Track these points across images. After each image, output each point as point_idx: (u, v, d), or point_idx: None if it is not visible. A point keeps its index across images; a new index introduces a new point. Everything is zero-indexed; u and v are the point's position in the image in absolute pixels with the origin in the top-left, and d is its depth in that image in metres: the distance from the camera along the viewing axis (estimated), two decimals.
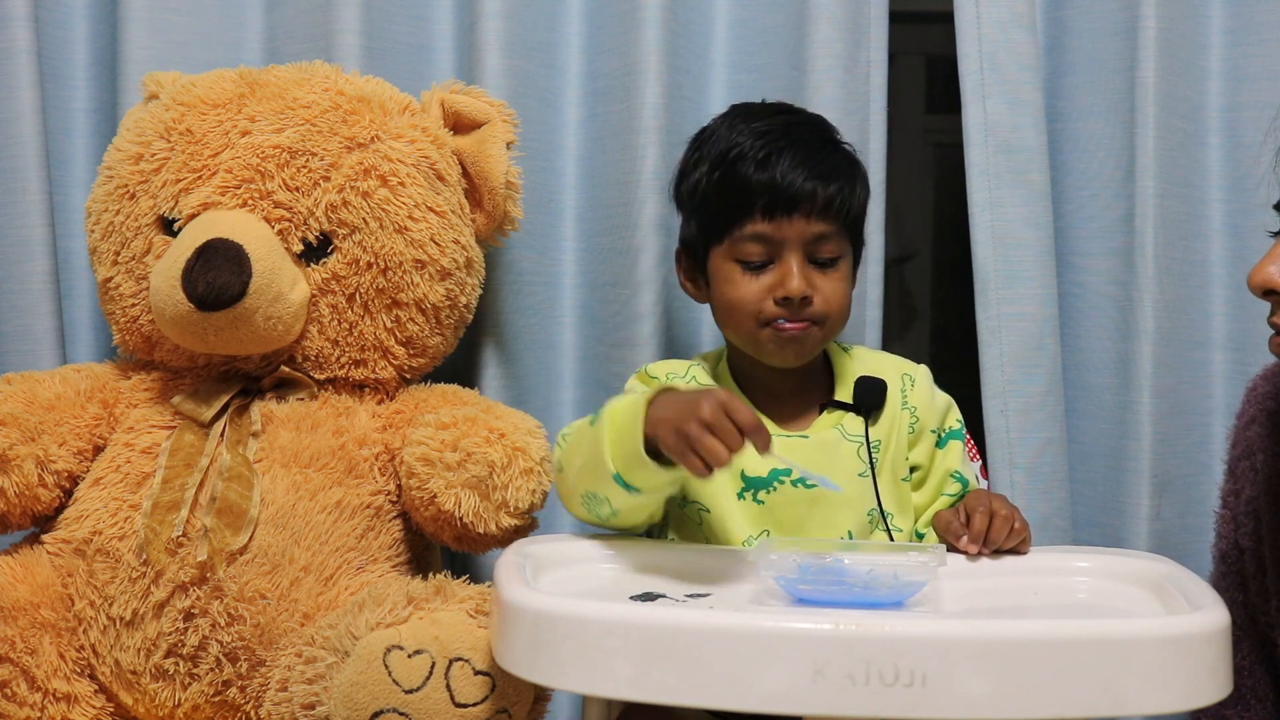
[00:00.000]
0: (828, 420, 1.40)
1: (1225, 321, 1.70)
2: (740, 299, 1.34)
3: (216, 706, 1.38)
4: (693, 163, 1.39)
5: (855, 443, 1.38)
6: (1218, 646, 1.02)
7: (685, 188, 1.40)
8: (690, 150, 1.42)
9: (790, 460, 1.30)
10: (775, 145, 1.33)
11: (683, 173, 1.42)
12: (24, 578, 1.39)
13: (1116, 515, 1.69)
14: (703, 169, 1.37)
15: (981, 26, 1.66)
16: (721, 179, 1.34)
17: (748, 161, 1.32)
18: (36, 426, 1.41)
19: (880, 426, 1.40)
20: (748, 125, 1.36)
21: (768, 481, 1.36)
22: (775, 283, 1.33)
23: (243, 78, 1.50)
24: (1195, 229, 1.70)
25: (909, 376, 1.43)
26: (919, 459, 1.41)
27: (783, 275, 1.33)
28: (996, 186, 1.66)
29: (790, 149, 1.33)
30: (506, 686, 1.21)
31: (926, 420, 1.42)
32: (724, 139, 1.36)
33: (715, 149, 1.36)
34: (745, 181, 1.32)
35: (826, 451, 1.38)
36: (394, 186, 1.45)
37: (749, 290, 1.34)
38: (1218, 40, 1.70)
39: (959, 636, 0.99)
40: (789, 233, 1.32)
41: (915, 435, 1.41)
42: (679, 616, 1.05)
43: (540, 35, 1.71)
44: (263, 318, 1.39)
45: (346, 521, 1.41)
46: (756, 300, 1.34)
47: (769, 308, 1.33)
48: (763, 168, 1.32)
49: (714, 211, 1.35)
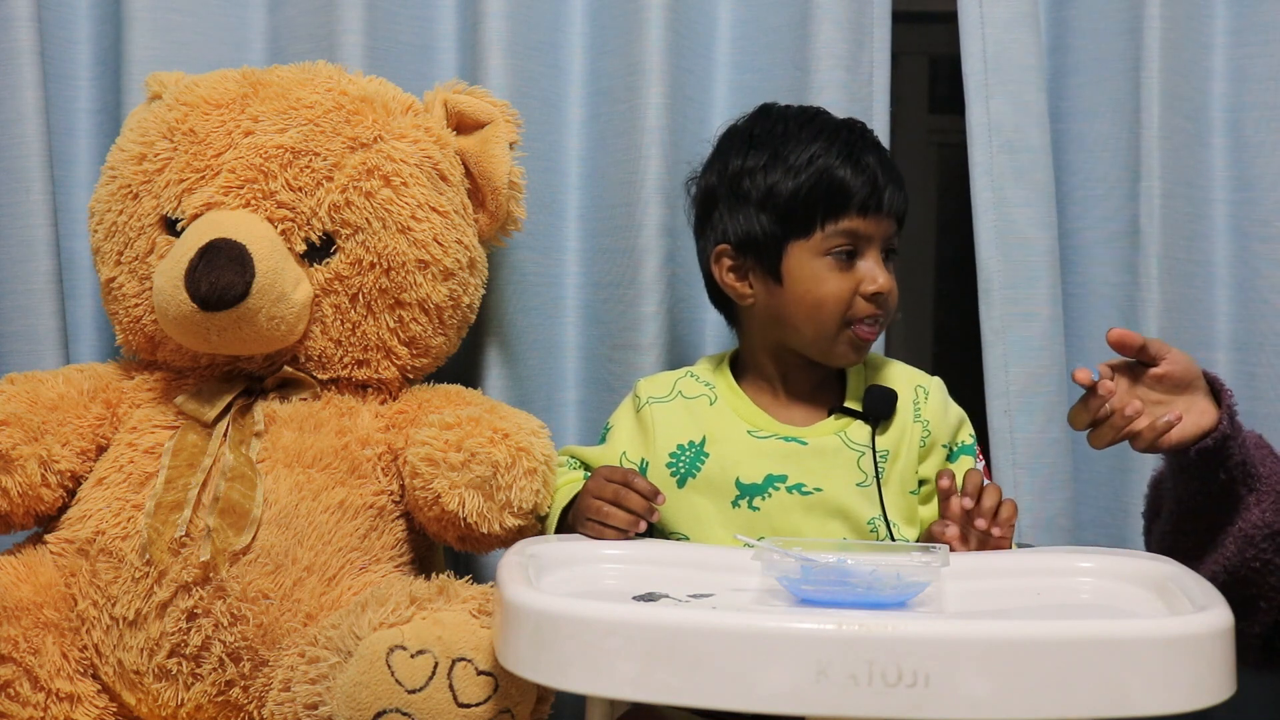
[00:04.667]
0: (830, 425, 1.40)
1: (1229, 322, 1.70)
2: (830, 295, 1.36)
3: (219, 706, 1.38)
4: (759, 164, 1.39)
5: (857, 451, 1.38)
6: (1221, 647, 1.01)
7: (754, 188, 1.39)
8: (740, 151, 1.41)
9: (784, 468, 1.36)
10: (860, 146, 1.38)
11: (740, 174, 1.40)
12: (27, 577, 1.39)
13: (1120, 516, 1.69)
14: (779, 169, 1.38)
15: (985, 26, 1.66)
16: (815, 177, 1.36)
17: (843, 162, 1.36)
18: (39, 426, 1.42)
19: (889, 437, 1.40)
20: (814, 126, 1.40)
21: (763, 488, 1.37)
22: (865, 277, 1.37)
23: (246, 78, 1.50)
24: (1199, 229, 1.70)
25: (922, 389, 1.43)
26: (928, 473, 1.41)
27: (870, 271, 1.37)
28: (1000, 187, 1.66)
29: (871, 151, 1.39)
30: (509, 686, 1.21)
31: (939, 434, 1.42)
32: (800, 139, 1.38)
33: (795, 150, 1.38)
34: (842, 180, 1.36)
35: (825, 459, 1.38)
36: (397, 186, 1.45)
37: (838, 286, 1.36)
38: (1222, 40, 1.69)
39: (962, 637, 0.99)
40: (875, 230, 1.37)
41: (926, 449, 1.41)
42: (682, 617, 1.05)
43: (543, 35, 1.71)
44: (266, 318, 1.39)
45: (349, 521, 1.41)
46: (847, 297, 1.37)
47: (860, 305, 1.37)
48: (859, 168, 1.36)
49: (804, 209, 1.36)
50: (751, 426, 1.40)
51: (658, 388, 1.46)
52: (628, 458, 1.43)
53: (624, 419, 1.47)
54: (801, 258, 1.37)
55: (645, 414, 1.44)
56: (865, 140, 1.40)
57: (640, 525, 1.31)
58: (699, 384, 1.45)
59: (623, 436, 1.45)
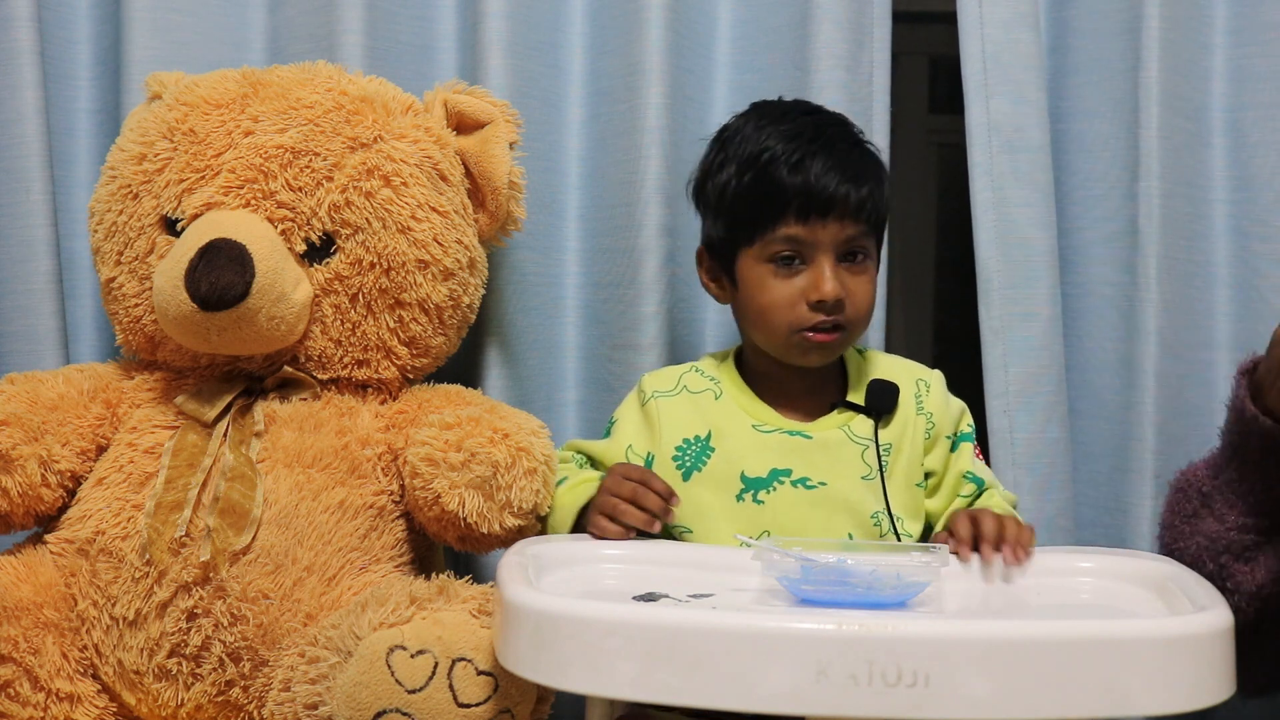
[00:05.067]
0: (834, 420, 1.40)
1: (1229, 322, 1.70)
2: (772, 303, 1.34)
3: (219, 706, 1.38)
4: (718, 163, 1.39)
5: (862, 445, 1.38)
6: (1221, 646, 1.02)
7: (711, 188, 1.39)
8: (714, 150, 1.41)
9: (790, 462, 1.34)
10: (808, 147, 1.33)
11: (706, 173, 1.41)
12: (27, 577, 1.39)
13: (1120, 516, 1.69)
14: (730, 170, 1.36)
15: (985, 26, 1.66)
16: (753, 181, 1.33)
17: (780, 164, 1.32)
18: (39, 426, 1.42)
19: (891, 430, 1.40)
20: (776, 127, 1.36)
21: (767, 482, 1.36)
22: (809, 285, 1.33)
23: (246, 78, 1.50)
24: (1199, 229, 1.69)
25: (924, 382, 1.43)
26: (933, 464, 1.41)
27: (816, 278, 1.33)
28: (1000, 187, 1.66)
29: (822, 151, 1.33)
30: (509, 687, 1.21)
31: (942, 426, 1.42)
32: (753, 140, 1.35)
33: (744, 150, 1.35)
34: (779, 184, 1.32)
35: (829, 452, 1.38)
36: (397, 187, 1.45)
37: (781, 295, 1.34)
38: (1221, 40, 1.69)
39: (962, 637, 0.99)
40: (822, 236, 1.33)
41: (931, 441, 1.41)
42: (682, 617, 1.05)
43: (543, 35, 1.71)
44: (266, 318, 1.39)
45: (349, 521, 1.41)
46: (790, 305, 1.34)
47: (803, 313, 1.34)
48: (796, 170, 1.32)
49: (744, 214, 1.35)
50: (756, 421, 1.40)
51: (662, 382, 1.45)
52: (634, 451, 1.42)
53: (629, 413, 1.46)
54: (748, 263, 1.36)
55: (651, 408, 1.43)
56: (820, 140, 1.34)
57: (656, 525, 1.30)
58: (704, 378, 1.45)
59: (628, 430, 1.44)
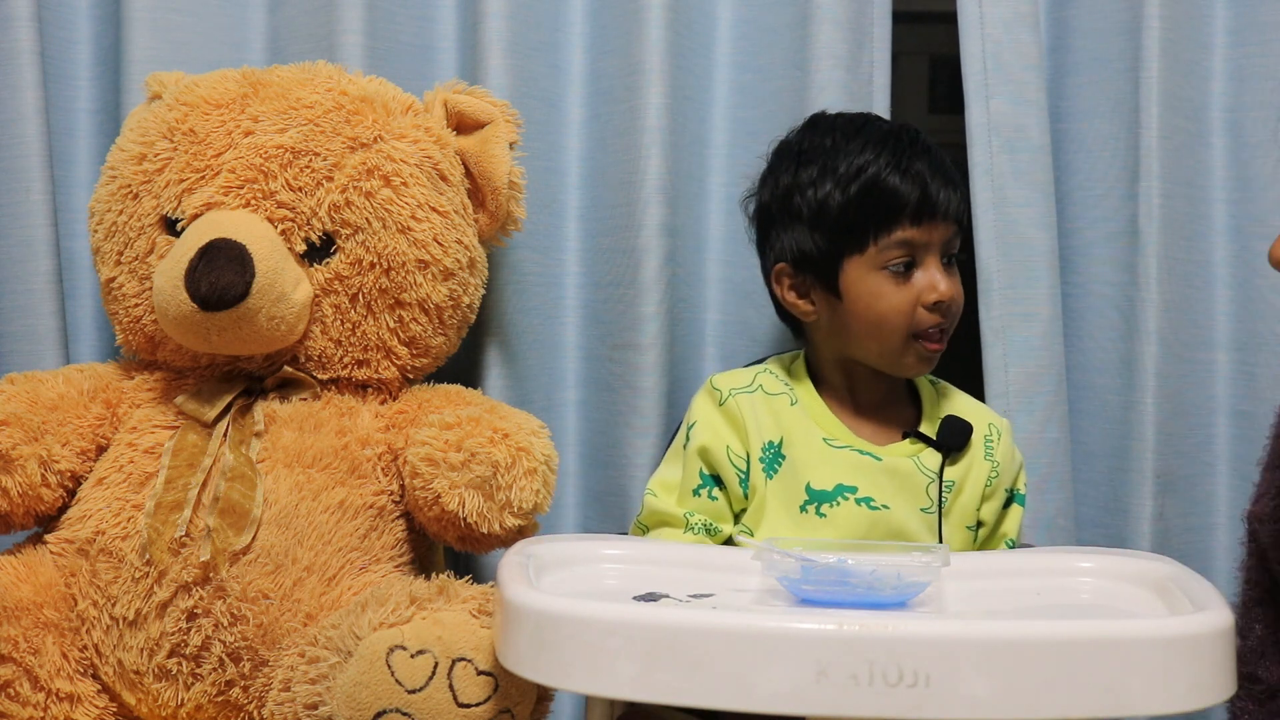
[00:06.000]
0: (905, 448, 1.40)
1: (1229, 322, 1.70)
2: (891, 309, 1.35)
3: (219, 706, 1.38)
4: (809, 179, 1.37)
5: (928, 478, 1.38)
6: (1221, 647, 1.01)
7: (803, 203, 1.37)
8: (794, 165, 1.39)
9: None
10: (910, 151, 1.35)
11: (792, 189, 1.39)
12: (27, 577, 1.39)
13: (1120, 516, 1.69)
14: (830, 182, 1.36)
15: (985, 26, 1.66)
16: (865, 188, 1.34)
17: (892, 170, 1.34)
18: (39, 426, 1.42)
19: (958, 468, 1.40)
20: (862, 136, 1.37)
21: (832, 496, 1.36)
22: (925, 287, 1.34)
23: (246, 78, 1.50)
24: (1199, 229, 1.70)
25: (996, 428, 1.44)
26: (986, 515, 1.42)
27: (931, 280, 1.35)
28: (1000, 186, 1.66)
29: (922, 156, 1.36)
30: (509, 687, 1.21)
31: (1004, 478, 1.42)
32: (848, 150, 1.36)
33: (844, 161, 1.36)
34: (892, 189, 1.34)
35: (897, 479, 1.37)
36: (397, 187, 1.45)
37: (899, 300, 1.34)
38: (1221, 40, 1.70)
39: (963, 637, 0.99)
40: (933, 236, 1.35)
41: (991, 490, 1.41)
42: (682, 617, 1.05)
43: (543, 35, 1.71)
44: (266, 318, 1.39)
45: (349, 521, 1.41)
46: (909, 310, 1.34)
47: (922, 316, 1.35)
48: (908, 176, 1.34)
49: (856, 222, 1.35)
50: (828, 435, 1.39)
51: (737, 380, 1.41)
52: (734, 453, 1.37)
53: (706, 415, 1.39)
54: (858, 272, 1.36)
55: (731, 406, 1.38)
56: (915, 146, 1.37)
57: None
58: (778, 381, 1.42)
59: (721, 433, 1.38)
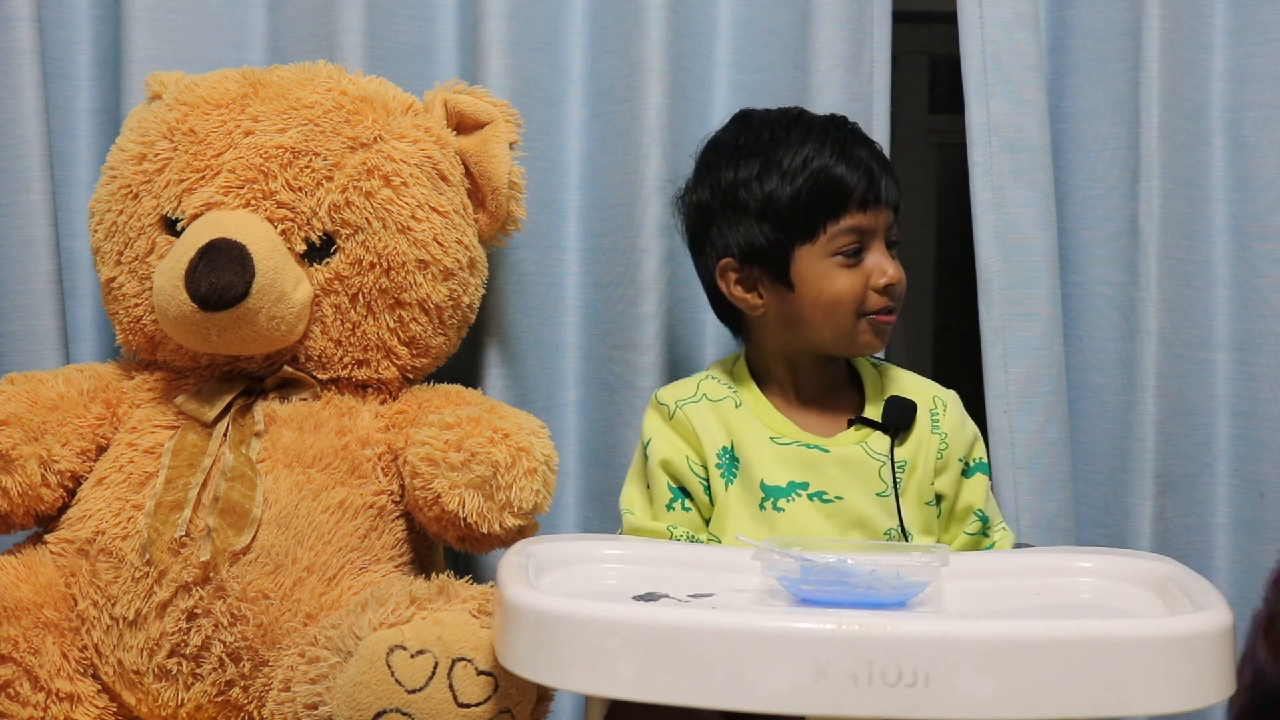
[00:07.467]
0: (853, 436, 1.40)
1: (1229, 322, 1.70)
2: (844, 293, 1.37)
3: (219, 706, 1.38)
4: (751, 173, 1.39)
5: (878, 461, 1.38)
6: (1221, 646, 1.01)
7: (748, 196, 1.39)
8: (730, 162, 1.41)
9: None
10: (850, 142, 1.39)
11: (735, 186, 1.40)
12: (27, 577, 1.39)
13: (1119, 515, 1.69)
14: (774, 176, 1.37)
15: (985, 26, 1.66)
16: (813, 179, 1.37)
17: (837, 159, 1.37)
18: (39, 426, 1.42)
19: (907, 447, 1.40)
20: (800, 129, 1.40)
21: (786, 492, 1.37)
22: (874, 270, 1.38)
23: (246, 78, 1.50)
24: (1199, 229, 1.70)
25: (940, 400, 1.44)
26: (944, 488, 1.42)
27: (880, 263, 1.38)
28: (1000, 186, 1.66)
29: (861, 145, 1.40)
30: (509, 686, 1.21)
31: (955, 448, 1.42)
32: (789, 143, 1.39)
33: (786, 155, 1.38)
34: (839, 178, 1.37)
35: (847, 467, 1.38)
36: (397, 187, 1.45)
37: (851, 284, 1.38)
38: (1221, 40, 1.70)
39: (962, 637, 0.99)
40: (879, 222, 1.39)
41: (943, 462, 1.41)
42: (681, 616, 1.05)
43: (543, 35, 1.71)
44: (266, 318, 1.39)
45: (349, 521, 1.41)
46: (860, 293, 1.38)
47: (873, 299, 1.38)
48: (853, 164, 1.38)
49: (804, 212, 1.37)
50: (774, 433, 1.40)
51: (681, 391, 1.43)
52: (694, 461, 1.39)
53: (658, 431, 1.42)
54: (809, 261, 1.38)
55: (680, 418, 1.40)
56: (854, 135, 1.41)
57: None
58: (721, 386, 1.43)
59: (676, 445, 1.41)
